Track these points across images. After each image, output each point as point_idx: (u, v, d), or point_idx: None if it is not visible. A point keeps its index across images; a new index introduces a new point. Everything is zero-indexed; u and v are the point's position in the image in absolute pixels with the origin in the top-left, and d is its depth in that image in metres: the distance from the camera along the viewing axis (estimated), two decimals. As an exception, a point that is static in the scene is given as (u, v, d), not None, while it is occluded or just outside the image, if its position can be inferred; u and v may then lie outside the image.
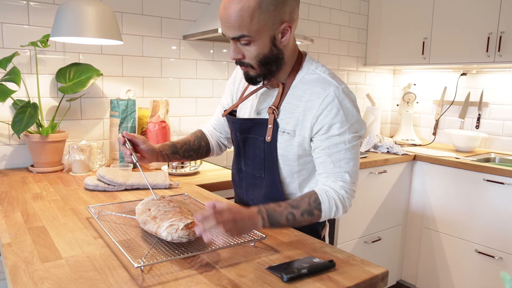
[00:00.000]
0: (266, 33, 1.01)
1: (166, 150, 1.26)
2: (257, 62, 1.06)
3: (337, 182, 1.07)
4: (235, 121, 1.23)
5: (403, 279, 2.75)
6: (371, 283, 0.87)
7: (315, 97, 1.07)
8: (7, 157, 1.80)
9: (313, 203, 1.03)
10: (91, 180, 1.50)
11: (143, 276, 0.84)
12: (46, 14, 1.80)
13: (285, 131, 1.12)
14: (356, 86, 3.13)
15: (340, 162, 1.07)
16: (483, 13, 2.42)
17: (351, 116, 1.07)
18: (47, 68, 1.84)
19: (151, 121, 1.90)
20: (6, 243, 0.99)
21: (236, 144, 1.27)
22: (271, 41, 1.03)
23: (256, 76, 1.09)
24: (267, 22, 1.00)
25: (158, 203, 1.06)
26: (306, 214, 1.02)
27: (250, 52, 1.04)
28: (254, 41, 1.02)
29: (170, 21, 2.15)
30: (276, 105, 1.12)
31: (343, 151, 1.07)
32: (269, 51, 1.04)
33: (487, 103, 2.77)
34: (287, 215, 0.99)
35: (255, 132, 1.18)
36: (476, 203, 2.29)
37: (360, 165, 2.25)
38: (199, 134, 1.39)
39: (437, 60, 2.66)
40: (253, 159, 1.21)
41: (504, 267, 2.20)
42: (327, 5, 2.83)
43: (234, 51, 1.05)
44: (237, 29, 0.99)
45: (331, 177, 1.08)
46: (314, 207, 1.03)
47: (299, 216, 1.01)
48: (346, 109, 1.06)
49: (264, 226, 0.96)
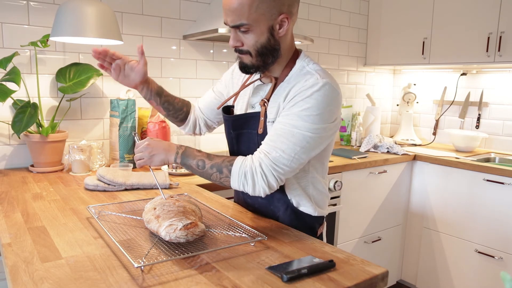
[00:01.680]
0: (264, 22, 1.05)
1: (154, 85, 1.31)
2: (255, 51, 1.08)
3: (260, 154, 1.04)
4: (227, 118, 1.25)
5: (403, 279, 2.75)
6: (371, 283, 0.87)
7: (296, 83, 1.08)
8: (7, 157, 1.80)
9: (227, 162, 1.06)
10: (91, 180, 1.50)
11: (143, 276, 0.84)
12: (46, 14, 1.80)
13: (269, 121, 1.14)
14: (356, 86, 3.13)
15: (279, 137, 1.03)
16: (483, 13, 2.42)
17: (321, 107, 1.02)
18: (47, 68, 1.84)
19: (151, 121, 1.90)
20: (6, 243, 0.99)
21: (229, 141, 1.28)
22: (269, 31, 1.06)
23: (251, 65, 1.11)
24: (266, 12, 1.03)
25: (164, 203, 1.06)
26: (215, 168, 1.06)
27: (249, 40, 1.07)
28: (253, 30, 1.05)
29: (170, 21, 2.15)
30: (267, 98, 1.15)
31: (289, 134, 1.02)
32: (266, 41, 1.07)
33: (487, 103, 2.77)
34: (198, 161, 1.08)
35: (248, 127, 1.19)
36: (476, 203, 2.29)
37: (360, 165, 2.27)
38: (186, 102, 1.43)
39: (437, 60, 2.66)
40: (247, 154, 1.21)
41: (504, 267, 2.20)
42: (327, 5, 2.83)
43: (234, 39, 1.09)
44: (237, 17, 1.03)
45: (261, 151, 1.05)
46: (224, 166, 1.06)
47: (209, 167, 1.07)
48: (320, 99, 1.02)
49: (175, 161, 1.09)
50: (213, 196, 1.47)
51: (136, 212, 1.23)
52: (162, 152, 1.10)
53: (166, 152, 1.10)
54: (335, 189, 2.13)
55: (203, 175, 1.09)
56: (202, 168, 1.08)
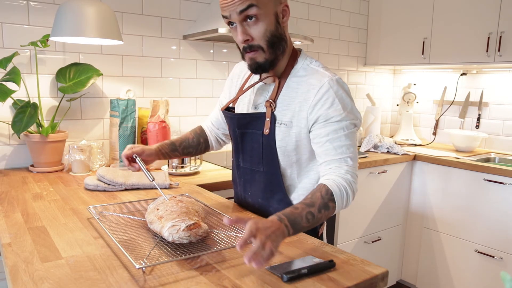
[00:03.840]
0: (271, 7, 1.05)
1: (165, 148, 1.31)
2: (266, 42, 1.07)
3: (342, 167, 1.06)
4: (232, 116, 1.25)
5: (403, 279, 2.75)
6: (371, 283, 0.87)
7: (311, 88, 1.11)
8: (7, 157, 1.80)
9: (326, 196, 1.00)
10: (91, 180, 1.50)
11: (144, 277, 0.84)
12: (46, 14, 1.80)
13: (282, 123, 1.14)
14: (356, 86, 3.13)
15: (342, 148, 1.07)
16: (483, 13, 2.42)
17: (346, 104, 1.09)
18: (47, 68, 1.84)
19: (151, 121, 1.90)
20: (6, 243, 0.99)
21: (234, 139, 1.29)
22: (276, 18, 1.07)
23: (265, 62, 1.10)
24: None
25: (167, 203, 1.06)
26: (323, 209, 0.98)
27: (258, 31, 1.06)
28: (261, 17, 1.04)
29: (170, 21, 2.15)
30: (273, 98, 1.15)
31: (343, 137, 1.07)
32: (275, 28, 1.08)
33: (487, 103, 2.77)
34: (306, 215, 0.94)
35: (253, 127, 1.20)
36: (476, 203, 2.29)
37: (360, 165, 2.27)
38: (198, 131, 1.42)
39: (437, 60, 2.66)
40: (250, 154, 1.23)
41: (504, 267, 2.20)
42: (327, 5, 2.83)
43: (242, 33, 1.06)
44: (245, 0, 1.02)
45: (334, 163, 1.07)
46: (328, 199, 0.99)
47: (317, 213, 0.97)
48: (341, 98, 1.09)
49: (289, 234, 0.88)
50: (213, 196, 1.47)
51: (137, 212, 1.23)
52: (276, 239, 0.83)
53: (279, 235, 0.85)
54: (335, 189, 2.13)
55: (317, 223, 0.98)
56: (312, 220, 0.95)
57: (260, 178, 1.23)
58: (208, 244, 0.99)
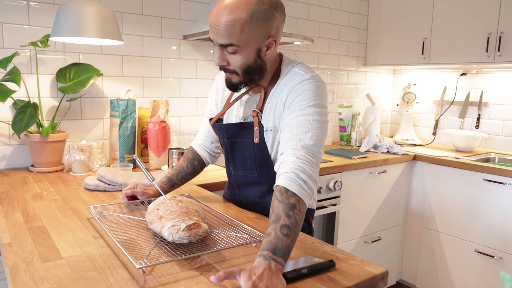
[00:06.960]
0: (253, 45, 1.05)
1: (165, 187, 1.34)
2: (241, 71, 1.09)
3: (294, 152, 0.99)
4: (221, 127, 1.27)
5: (403, 279, 2.75)
6: (371, 283, 0.87)
7: (285, 88, 1.12)
8: (7, 157, 1.80)
9: (282, 197, 0.92)
10: (91, 180, 1.50)
11: (144, 277, 0.84)
12: (46, 14, 1.80)
13: (268, 130, 1.17)
14: (356, 86, 3.13)
15: (299, 129, 1.03)
16: (483, 13, 2.42)
17: (314, 96, 1.07)
18: (47, 68, 1.84)
19: (151, 121, 1.90)
20: (6, 243, 0.99)
21: (224, 148, 1.31)
22: (257, 53, 1.07)
23: (238, 83, 1.13)
24: (256, 35, 1.04)
25: (167, 203, 1.06)
26: (290, 211, 0.89)
27: (236, 61, 1.07)
28: (241, 51, 1.05)
29: (170, 21, 2.15)
30: (259, 108, 1.17)
31: (303, 121, 1.04)
32: (253, 62, 1.08)
33: (487, 103, 2.77)
34: (281, 232, 0.86)
35: (242, 136, 1.22)
36: (476, 203, 2.29)
37: (360, 165, 2.27)
38: (190, 156, 1.42)
39: (437, 60, 2.66)
40: (242, 161, 1.26)
41: (504, 267, 2.20)
42: (327, 5, 2.83)
43: (220, 58, 1.08)
44: (227, 38, 1.02)
45: (288, 143, 1.02)
46: (286, 198, 0.92)
47: (289, 219, 0.88)
48: (310, 90, 1.07)
49: (282, 263, 0.83)
50: (213, 196, 1.47)
51: (137, 212, 1.23)
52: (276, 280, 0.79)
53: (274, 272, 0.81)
54: (335, 189, 2.13)
55: (299, 226, 0.91)
56: (290, 229, 0.88)
57: (255, 182, 1.26)
58: (208, 244, 1.00)
